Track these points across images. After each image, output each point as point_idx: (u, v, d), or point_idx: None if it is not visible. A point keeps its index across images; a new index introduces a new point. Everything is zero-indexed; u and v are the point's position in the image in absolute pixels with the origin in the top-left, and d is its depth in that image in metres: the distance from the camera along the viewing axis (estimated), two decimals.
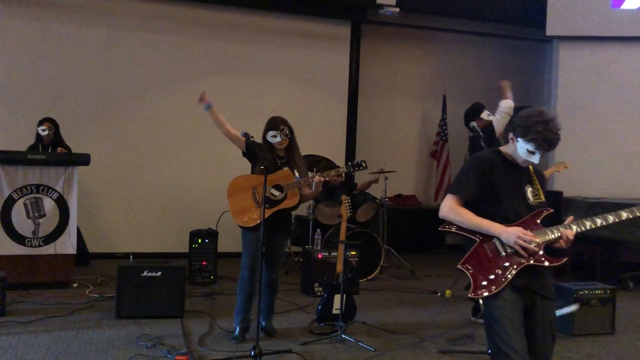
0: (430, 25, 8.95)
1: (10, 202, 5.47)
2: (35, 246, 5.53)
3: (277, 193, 4.26)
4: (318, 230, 6.27)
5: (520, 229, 2.66)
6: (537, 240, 2.65)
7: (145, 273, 4.70)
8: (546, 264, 2.66)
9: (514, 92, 9.21)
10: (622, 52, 7.88)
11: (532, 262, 2.64)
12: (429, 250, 8.73)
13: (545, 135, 2.62)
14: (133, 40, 7.46)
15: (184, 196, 7.54)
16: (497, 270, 2.63)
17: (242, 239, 4.31)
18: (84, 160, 5.73)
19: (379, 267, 6.62)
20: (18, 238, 5.48)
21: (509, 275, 2.61)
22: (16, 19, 7.00)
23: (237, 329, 4.31)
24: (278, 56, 8.07)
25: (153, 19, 7.53)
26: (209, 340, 4.27)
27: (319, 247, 6.03)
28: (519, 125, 2.70)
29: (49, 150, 6.14)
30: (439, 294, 5.97)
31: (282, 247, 4.51)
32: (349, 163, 4.61)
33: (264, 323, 4.42)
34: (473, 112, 5.56)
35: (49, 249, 5.56)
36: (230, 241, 5.28)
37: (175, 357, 3.75)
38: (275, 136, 4.28)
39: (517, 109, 7.67)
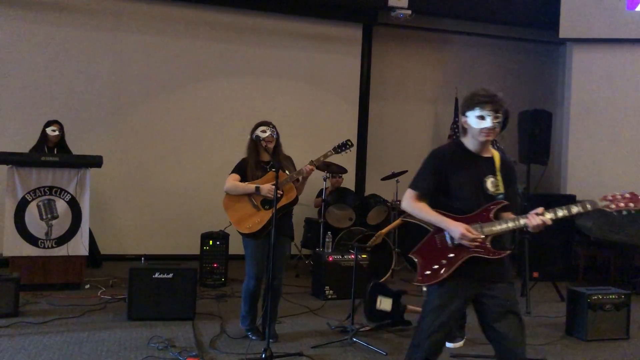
0: (442, 27, 8.92)
1: (23, 203, 5.51)
2: (48, 247, 5.57)
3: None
4: (329, 233, 6.26)
5: (465, 226, 2.73)
6: (481, 236, 2.72)
7: (156, 275, 4.71)
8: (489, 256, 2.74)
9: (527, 95, 9.21)
10: (637, 54, 7.80)
11: (476, 254, 2.74)
12: None
13: (486, 92, 2.79)
14: (144, 43, 7.50)
15: (196, 198, 7.56)
16: (442, 260, 2.79)
17: (245, 248, 4.29)
18: (96, 162, 5.77)
19: (390, 271, 6.60)
20: (31, 239, 5.53)
21: (454, 265, 2.76)
22: (27, 22, 7.07)
23: (249, 332, 4.35)
24: (290, 59, 8.07)
25: (164, 22, 7.57)
26: (220, 342, 4.27)
27: (330, 250, 6.02)
28: (463, 104, 2.86)
29: (55, 152, 6.16)
30: None
31: (285, 250, 4.42)
32: (335, 146, 4.50)
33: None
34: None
35: (61, 251, 5.60)
36: (241, 244, 5.28)
37: (186, 359, 3.76)
38: (264, 131, 4.22)
39: (524, 114, 7.62)
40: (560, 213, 2.71)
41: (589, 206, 2.72)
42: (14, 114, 7.00)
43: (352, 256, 5.47)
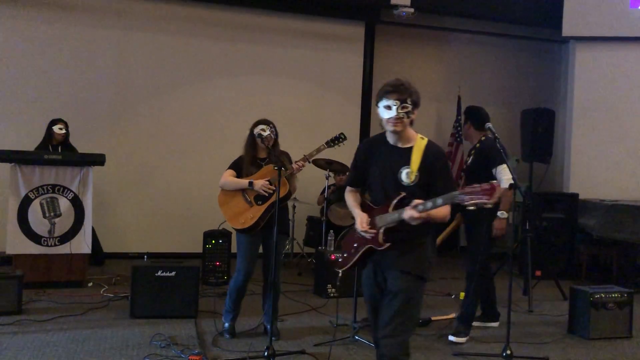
0: (445, 25, 8.91)
1: (26, 201, 5.52)
2: (51, 245, 5.58)
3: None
4: (331, 231, 6.25)
5: (362, 217, 2.86)
6: (368, 228, 2.80)
7: (159, 273, 4.72)
8: (376, 247, 2.80)
9: (530, 94, 9.20)
10: None
11: (369, 244, 2.85)
12: (443, 252, 8.67)
13: (394, 81, 2.89)
14: (147, 41, 7.51)
15: (198, 197, 7.56)
16: (351, 250, 2.99)
17: (237, 244, 4.30)
18: (99, 160, 5.78)
19: None
20: (34, 237, 5.53)
21: (357, 254, 2.92)
22: (30, 20, 7.07)
23: (227, 325, 4.37)
24: (292, 57, 8.07)
25: (167, 21, 7.57)
26: (222, 340, 4.27)
27: (332, 248, 6.02)
28: (376, 96, 2.91)
29: (60, 150, 6.18)
30: (453, 296, 5.93)
31: (281, 247, 4.42)
32: (328, 140, 4.55)
33: (268, 326, 4.30)
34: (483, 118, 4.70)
35: (64, 249, 5.61)
36: None
37: (189, 357, 3.77)
38: (264, 130, 4.23)
39: (527, 112, 7.61)
40: (429, 205, 2.63)
41: (449, 199, 2.60)
42: (17, 113, 7.01)
43: None
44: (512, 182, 4.04)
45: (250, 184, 4.19)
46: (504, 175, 4.35)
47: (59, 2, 7.19)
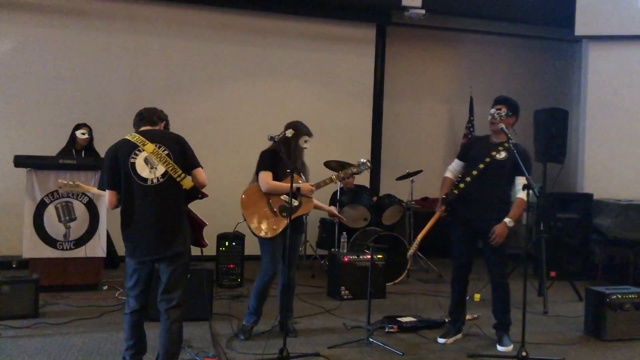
0: (457, 26, 8.88)
1: (42, 206, 5.58)
2: (67, 249, 5.63)
3: (293, 201, 4.27)
4: (344, 233, 6.25)
5: None
6: None
7: None
8: None
9: (543, 93, 9.14)
10: None
11: None
12: (447, 252, 8.61)
13: None
14: (160, 46, 7.56)
15: (211, 199, 7.45)
16: None
17: (262, 245, 4.35)
18: None
19: (406, 271, 6.58)
20: (50, 241, 5.59)
21: None
22: (45, 27, 7.15)
23: (247, 324, 4.41)
24: (303, 60, 8.09)
25: (179, 25, 7.62)
26: (237, 342, 4.29)
27: (345, 250, 6.02)
28: None
29: (82, 154, 6.24)
30: (467, 298, 5.89)
31: (299, 245, 4.55)
32: (360, 166, 4.56)
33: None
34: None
35: (79, 252, 5.66)
36: (256, 244, 5.33)
37: (204, 359, 3.78)
38: (307, 141, 4.32)
39: (540, 112, 7.55)
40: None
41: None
42: (33, 118, 7.09)
43: (368, 256, 5.46)
44: (527, 182, 3.99)
45: (298, 189, 4.18)
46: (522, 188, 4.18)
47: (74, 8, 7.26)
